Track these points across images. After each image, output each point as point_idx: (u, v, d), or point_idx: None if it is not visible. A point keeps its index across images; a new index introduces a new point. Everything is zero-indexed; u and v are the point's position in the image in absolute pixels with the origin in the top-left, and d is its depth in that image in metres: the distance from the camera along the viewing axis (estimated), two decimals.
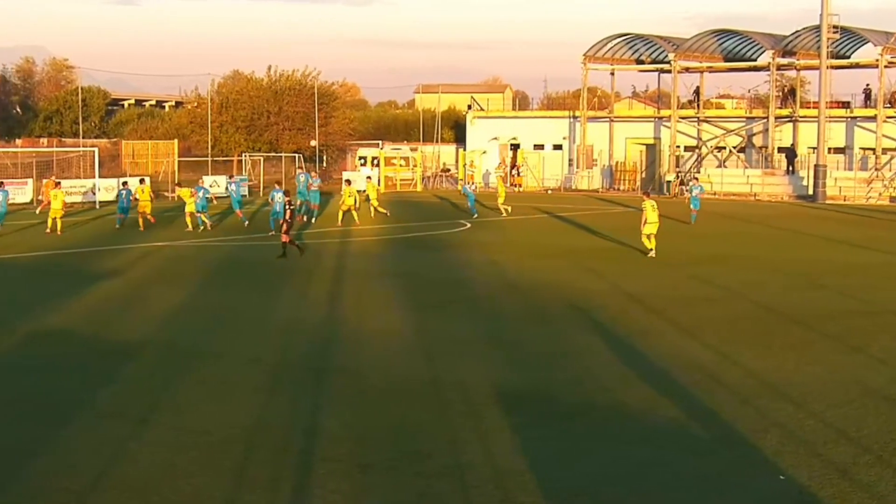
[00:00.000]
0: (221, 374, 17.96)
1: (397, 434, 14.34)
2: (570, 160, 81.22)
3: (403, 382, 17.33)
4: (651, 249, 34.33)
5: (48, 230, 40.87)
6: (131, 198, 43.99)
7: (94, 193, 58.54)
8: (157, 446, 13.63)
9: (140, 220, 42.50)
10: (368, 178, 56.27)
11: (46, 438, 13.93)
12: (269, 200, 42.13)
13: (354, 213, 44.70)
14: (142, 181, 47.41)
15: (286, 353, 19.60)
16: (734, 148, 75.68)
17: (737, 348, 19.80)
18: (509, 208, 51.93)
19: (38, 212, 47.14)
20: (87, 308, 24.50)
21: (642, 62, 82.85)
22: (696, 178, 53.02)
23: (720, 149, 76.12)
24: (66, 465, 12.90)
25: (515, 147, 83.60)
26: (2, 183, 44.72)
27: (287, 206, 35.50)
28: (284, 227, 34.26)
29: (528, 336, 21.33)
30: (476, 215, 49.94)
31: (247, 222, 45.42)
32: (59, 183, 46.14)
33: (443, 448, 13.66)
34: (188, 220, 42.40)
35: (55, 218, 41.25)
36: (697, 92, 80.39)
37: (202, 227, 42.11)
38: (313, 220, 47.38)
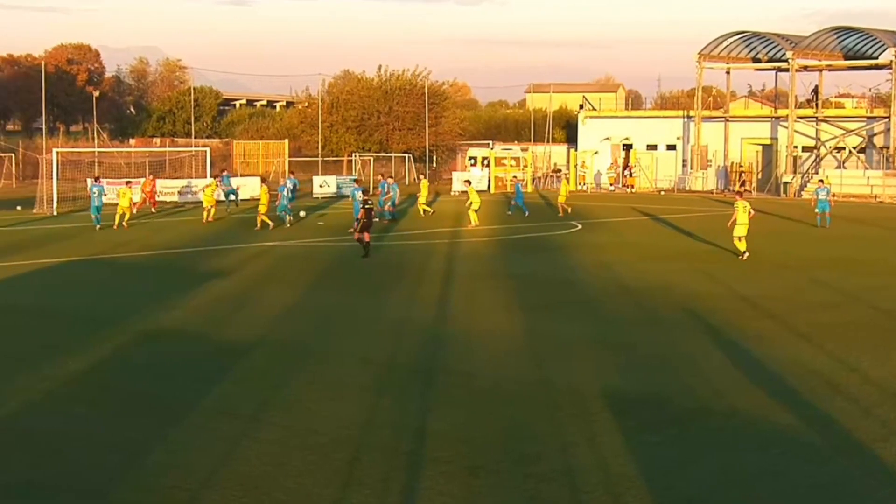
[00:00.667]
0: (331, 373, 18.15)
1: (506, 436, 14.36)
2: (683, 161, 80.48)
3: (513, 384, 17.35)
4: (743, 252, 33.91)
5: (114, 226, 42.30)
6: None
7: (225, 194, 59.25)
8: (267, 445, 13.83)
9: (258, 220, 42.98)
10: (422, 176, 55.75)
11: (159, 436, 14.22)
12: (350, 199, 42.58)
13: (473, 215, 44.79)
14: (263, 181, 48.51)
15: (396, 354, 19.73)
16: (854, 148, 74.28)
17: (855, 355, 19.45)
18: (568, 209, 52.32)
19: (133, 211, 48.40)
20: (199, 307, 24.93)
21: (759, 60, 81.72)
22: (822, 181, 51.49)
23: (839, 149, 74.78)
24: (178, 462, 13.16)
25: (628, 147, 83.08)
26: (98, 178, 45.91)
27: (363, 206, 35.13)
28: (359, 225, 34.44)
29: (639, 339, 21.20)
30: (527, 213, 51.26)
31: (270, 225, 43.46)
32: (130, 182, 47.97)
33: (553, 451, 13.65)
34: (259, 219, 43.28)
35: (122, 214, 43.34)
36: (816, 91, 79.12)
37: (286, 224, 43.40)
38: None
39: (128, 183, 47.13)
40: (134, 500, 11.98)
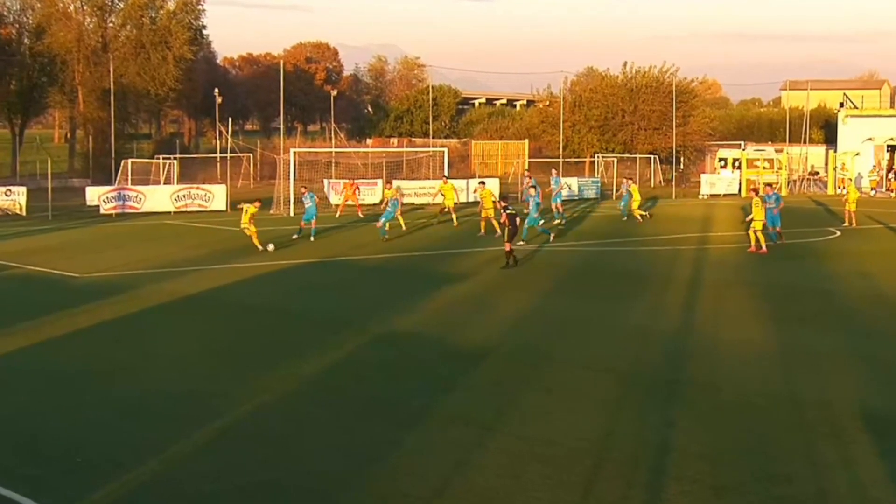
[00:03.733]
0: (569, 382, 18.19)
1: (754, 454, 14.12)
2: None
3: (761, 399, 17.04)
4: None
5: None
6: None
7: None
8: (501, 455, 13.96)
9: (482, 225, 43.06)
10: (445, 178, 52.61)
11: (392, 441, 14.54)
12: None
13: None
14: (481, 183, 48.65)
15: (637, 364, 19.63)
16: None
17: None
18: (646, 214, 50.45)
19: (336, 216, 49.33)
20: (435, 311, 25.35)
21: None
22: None
23: None
24: (411, 469, 13.42)
25: (893, 149, 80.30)
26: (304, 188, 45.94)
27: (503, 211, 34.04)
28: (505, 234, 33.45)
29: None
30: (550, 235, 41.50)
31: (294, 236, 41.03)
32: (261, 201, 42.37)
33: (804, 472, 13.35)
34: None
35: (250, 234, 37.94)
36: None
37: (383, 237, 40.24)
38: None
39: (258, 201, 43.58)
40: None
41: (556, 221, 47.09)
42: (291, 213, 51.96)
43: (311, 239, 39.70)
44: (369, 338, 21.89)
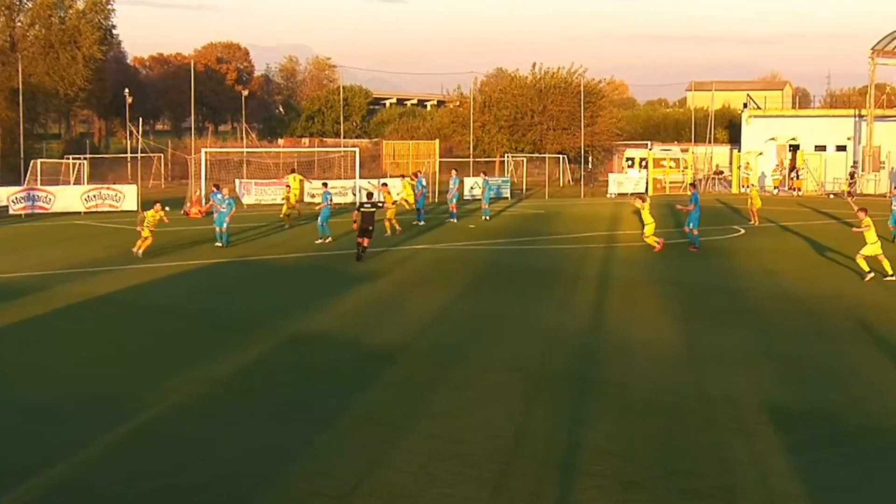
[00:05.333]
0: (481, 381, 18.18)
1: (663, 450, 14.22)
2: (854, 162, 78.67)
3: (670, 396, 17.16)
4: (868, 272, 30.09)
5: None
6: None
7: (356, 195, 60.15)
8: (414, 454, 13.92)
9: (387, 225, 42.82)
10: (384, 184, 50.63)
11: (304, 442, 14.44)
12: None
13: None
14: (384, 185, 48.70)
15: (548, 362, 19.70)
16: None
17: None
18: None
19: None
20: (347, 311, 25.24)
21: None
22: None
23: None
24: (324, 469, 13.33)
25: (795, 148, 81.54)
26: (325, 184, 45.63)
27: (358, 209, 35.25)
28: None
29: (805, 351, 20.79)
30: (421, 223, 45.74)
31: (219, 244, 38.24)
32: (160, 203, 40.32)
33: (711, 467, 13.47)
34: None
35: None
36: None
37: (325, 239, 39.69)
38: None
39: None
40: None
41: (452, 221, 47.60)
42: (203, 214, 51.48)
43: (219, 244, 37.94)
44: (281, 338, 21.74)
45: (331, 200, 41.06)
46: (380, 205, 35.42)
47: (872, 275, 29.88)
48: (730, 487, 12.71)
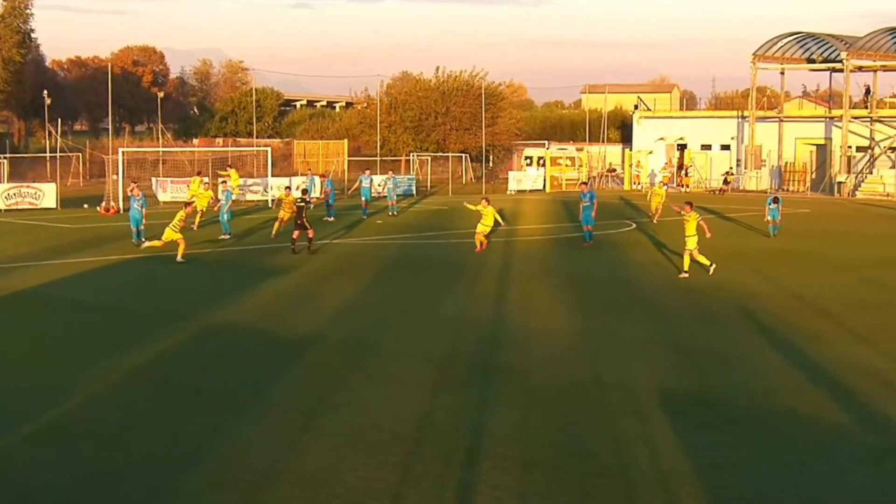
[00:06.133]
0: (391, 369, 18.16)
1: (562, 433, 14.31)
2: (737, 160, 79.81)
3: (568, 382, 17.28)
4: (710, 265, 29.82)
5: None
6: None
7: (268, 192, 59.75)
8: (327, 439, 13.86)
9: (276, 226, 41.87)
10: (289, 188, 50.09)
11: (221, 429, 14.30)
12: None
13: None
14: (287, 188, 48.41)
15: (453, 351, 19.71)
16: None
17: None
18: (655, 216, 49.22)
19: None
20: (261, 303, 25.06)
21: (813, 61, 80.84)
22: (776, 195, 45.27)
23: (893, 149, 73.77)
24: (240, 455, 13.22)
25: (682, 147, 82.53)
26: (224, 182, 44.92)
27: (295, 204, 35.74)
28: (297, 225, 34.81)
29: (693, 338, 21.06)
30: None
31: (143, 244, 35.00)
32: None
33: (607, 448, 13.58)
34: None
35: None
36: (868, 91, 78.18)
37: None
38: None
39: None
40: (195, 491, 12.04)
41: (363, 217, 47.59)
42: (121, 210, 50.82)
43: (136, 242, 36.11)
44: (197, 330, 21.50)
45: (232, 198, 40.61)
46: (311, 200, 35.71)
47: (714, 267, 29.76)
48: (624, 467, 12.83)
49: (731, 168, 77.08)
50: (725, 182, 73.72)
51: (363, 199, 49.99)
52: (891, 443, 14.02)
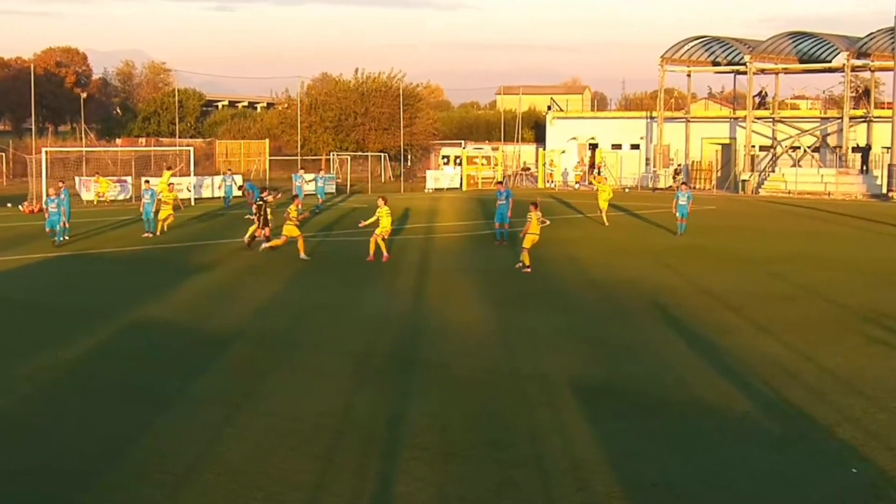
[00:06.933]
0: (313, 363, 18.11)
1: (479, 424, 14.36)
2: (647, 159, 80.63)
3: (485, 374, 17.34)
4: (527, 266, 29.84)
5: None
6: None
7: (191, 191, 59.26)
8: (250, 432, 13.79)
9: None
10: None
11: (146, 423, 14.16)
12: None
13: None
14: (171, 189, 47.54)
15: (373, 345, 19.69)
16: (808, 147, 74.53)
17: (812, 345, 19.55)
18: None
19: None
20: (184, 299, 24.84)
21: (718, 64, 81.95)
22: (685, 184, 45.11)
23: (795, 148, 75.02)
24: (164, 448, 13.11)
25: (594, 147, 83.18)
26: (147, 181, 44.10)
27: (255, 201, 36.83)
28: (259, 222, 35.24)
29: (606, 331, 21.23)
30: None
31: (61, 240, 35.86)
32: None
33: (523, 438, 13.66)
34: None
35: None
36: (764, 95, 79.43)
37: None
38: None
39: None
40: (122, 484, 11.91)
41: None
42: (45, 209, 50.04)
43: (56, 241, 35.48)
44: (121, 327, 21.25)
45: (153, 196, 40.08)
46: (269, 199, 35.80)
47: (529, 270, 29.67)
48: (539, 455, 12.91)
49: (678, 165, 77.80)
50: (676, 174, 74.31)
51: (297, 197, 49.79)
52: (790, 428, 14.26)
